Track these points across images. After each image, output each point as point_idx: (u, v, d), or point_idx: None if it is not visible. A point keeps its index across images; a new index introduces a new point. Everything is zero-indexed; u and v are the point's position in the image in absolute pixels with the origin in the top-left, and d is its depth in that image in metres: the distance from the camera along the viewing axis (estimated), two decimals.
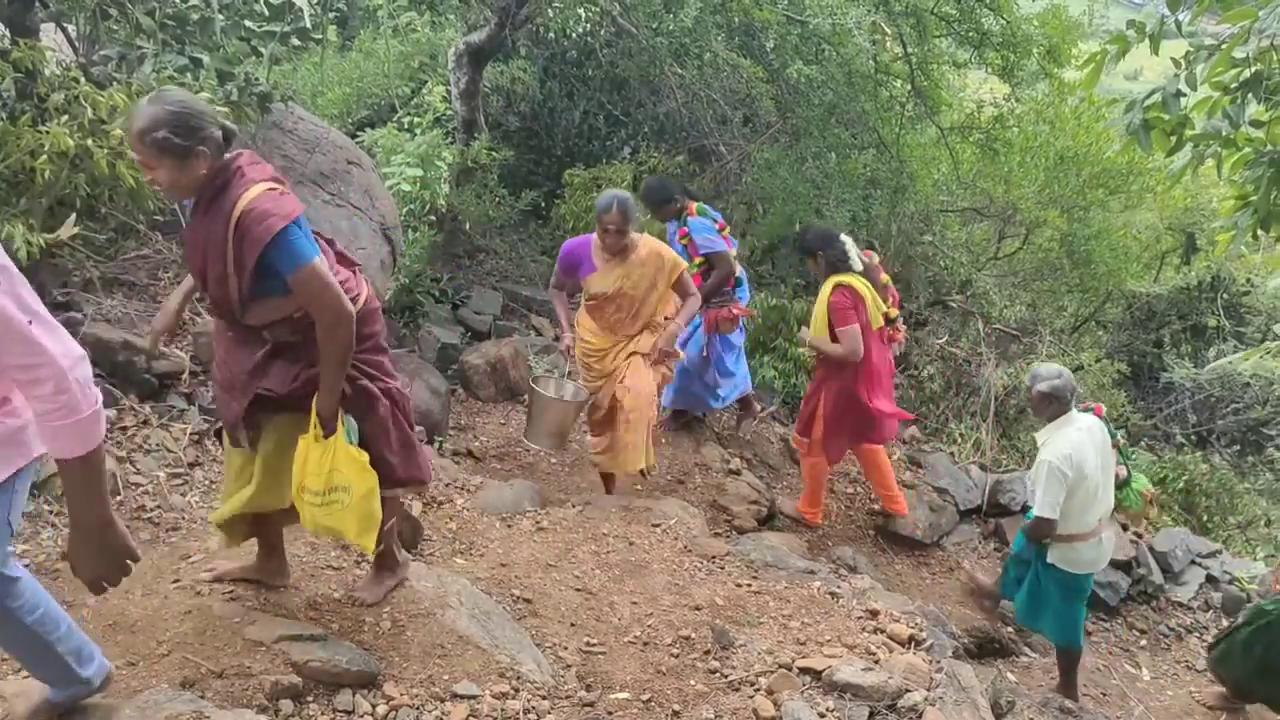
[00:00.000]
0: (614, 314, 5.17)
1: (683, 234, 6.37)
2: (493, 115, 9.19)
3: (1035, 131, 9.64)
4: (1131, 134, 3.88)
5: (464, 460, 6.13)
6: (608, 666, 3.96)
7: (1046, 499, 5.13)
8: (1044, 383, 5.20)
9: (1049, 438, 5.21)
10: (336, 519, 3.30)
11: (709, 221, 6.41)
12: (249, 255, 2.89)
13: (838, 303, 5.91)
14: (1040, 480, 5.14)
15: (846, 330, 5.89)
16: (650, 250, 5.11)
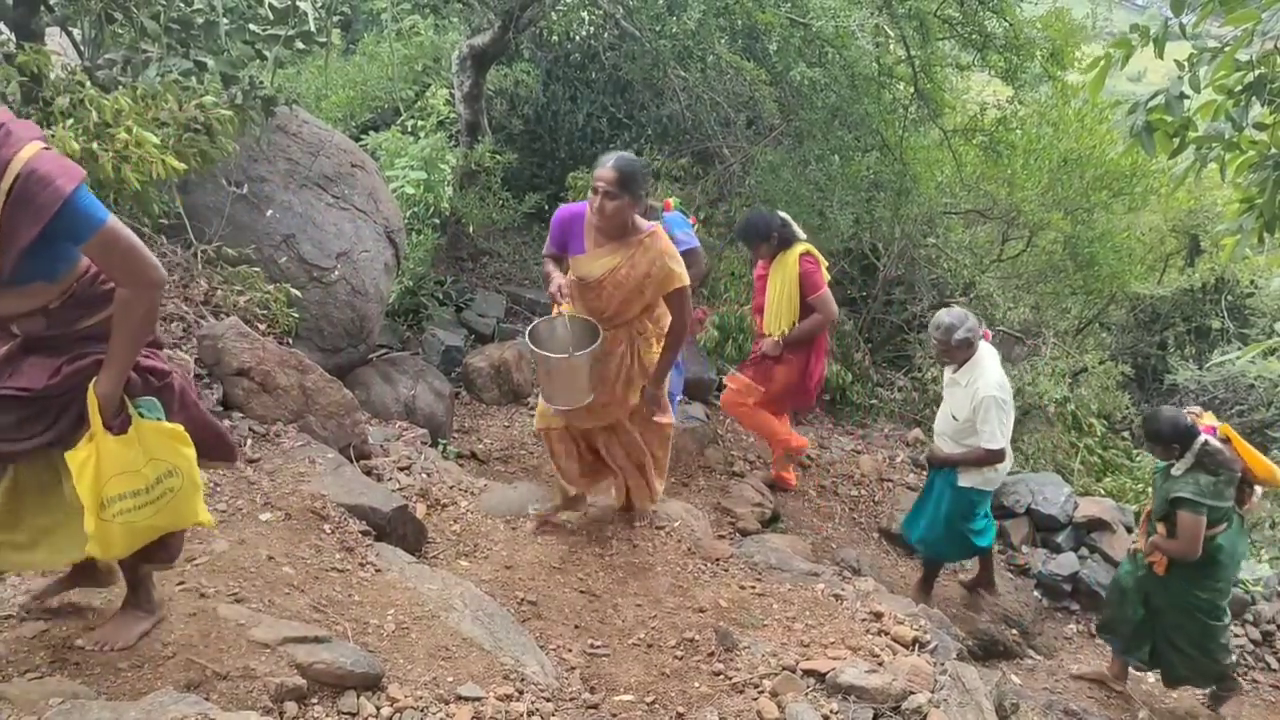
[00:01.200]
0: (593, 302, 4.43)
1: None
2: (496, 118, 9.20)
3: (1038, 134, 9.64)
4: (1134, 136, 3.87)
5: (468, 463, 6.14)
6: (612, 669, 3.96)
7: (999, 430, 5.36)
8: (962, 330, 5.37)
9: (972, 375, 5.42)
10: (174, 511, 2.92)
11: (684, 216, 6.08)
12: (28, 226, 2.42)
13: (809, 270, 6.11)
14: (990, 414, 5.32)
15: (821, 295, 6.16)
16: (657, 249, 4.28)
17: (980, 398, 5.33)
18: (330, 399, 4.97)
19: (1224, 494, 5.11)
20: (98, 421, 2.68)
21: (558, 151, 9.52)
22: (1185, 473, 5.11)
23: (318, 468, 4.53)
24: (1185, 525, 5.10)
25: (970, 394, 5.38)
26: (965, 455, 5.56)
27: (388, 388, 6.02)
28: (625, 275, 4.28)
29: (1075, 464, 8.80)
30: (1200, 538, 5.08)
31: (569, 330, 4.46)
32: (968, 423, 5.46)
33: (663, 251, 4.29)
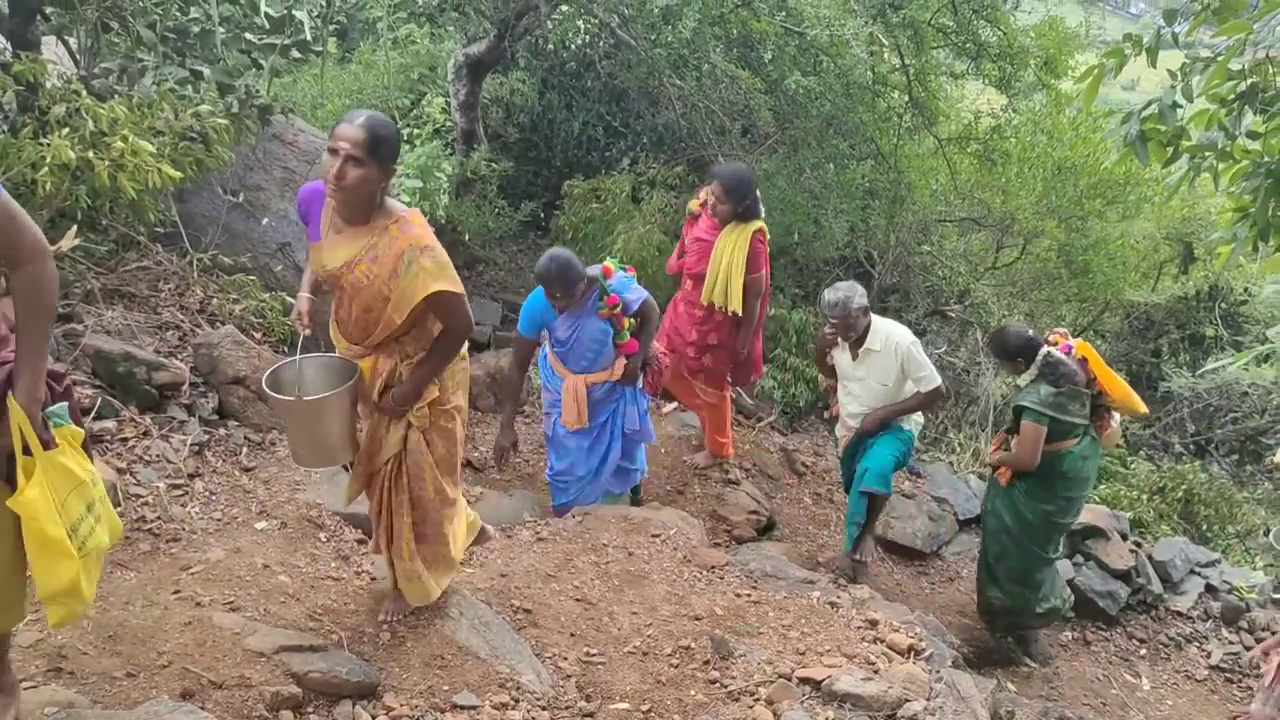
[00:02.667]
0: (337, 311, 3.50)
1: (613, 303, 5.18)
2: (492, 127, 9.21)
3: (1033, 142, 9.67)
4: (1129, 145, 3.90)
5: (464, 471, 6.12)
6: (607, 677, 3.97)
7: (933, 368, 5.57)
8: (858, 297, 5.44)
9: (881, 336, 5.50)
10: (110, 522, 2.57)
11: (625, 274, 5.40)
12: None
13: (760, 249, 6.03)
14: (919, 357, 5.49)
15: (760, 275, 6.09)
16: (408, 239, 3.21)
17: (904, 349, 5.46)
18: None
19: (1067, 408, 5.35)
20: (35, 441, 2.31)
21: (553, 160, 9.53)
22: (1029, 384, 5.41)
23: (313, 476, 4.54)
24: (1024, 433, 5.37)
25: (892, 351, 5.48)
26: (912, 404, 5.69)
27: None
28: (365, 273, 3.25)
29: None
30: (1038, 447, 5.34)
31: (324, 373, 3.54)
32: (897, 382, 5.59)
33: (415, 243, 3.21)
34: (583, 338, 5.20)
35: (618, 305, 5.17)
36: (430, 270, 3.20)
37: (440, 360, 3.43)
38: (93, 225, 5.02)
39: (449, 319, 3.37)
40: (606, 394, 5.40)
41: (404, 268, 3.19)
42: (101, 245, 5.15)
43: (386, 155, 3.12)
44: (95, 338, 4.59)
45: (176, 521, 4.04)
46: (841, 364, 5.76)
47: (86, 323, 4.66)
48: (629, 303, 5.23)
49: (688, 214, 6.29)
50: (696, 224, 6.17)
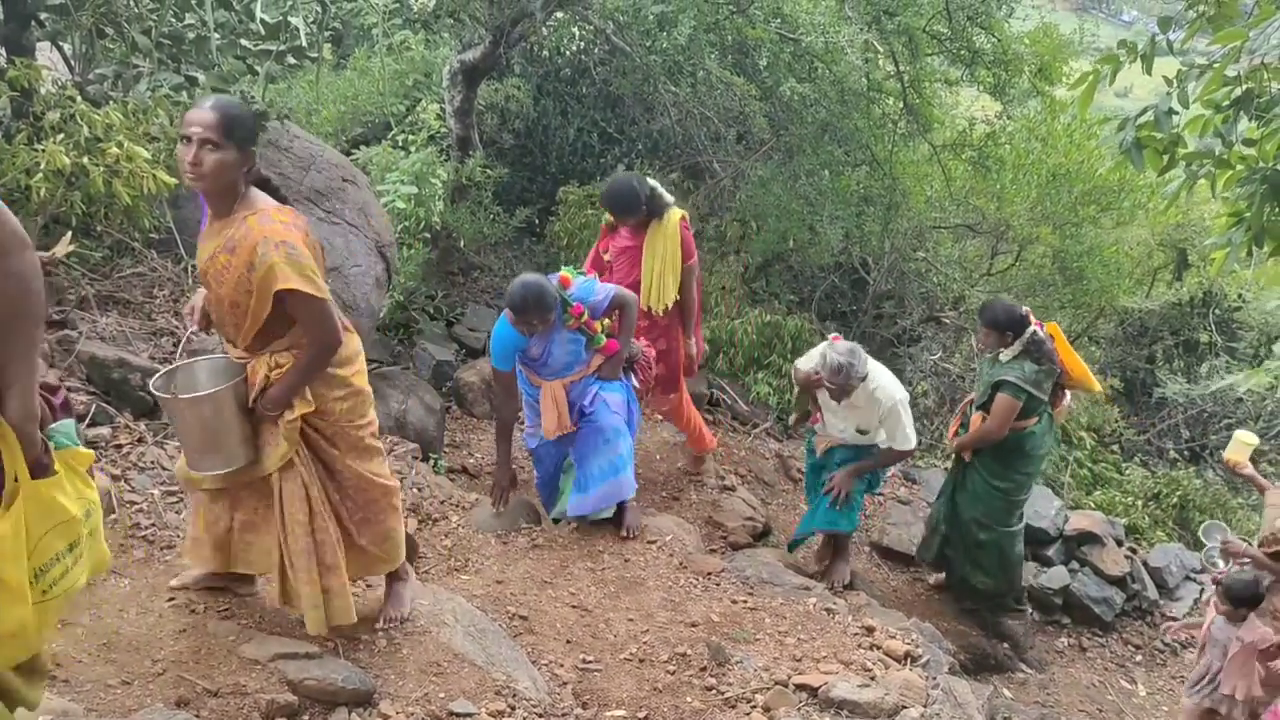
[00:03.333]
0: (212, 306, 3.31)
1: (577, 312, 4.94)
2: (487, 133, 9.21)
3: (1027, 149, 9.69)
4: (1124, 153, 3.90)
5: (459, 477, 6.12)
6: (604, 684, 3.96)
7: (912, 432, 5.44)
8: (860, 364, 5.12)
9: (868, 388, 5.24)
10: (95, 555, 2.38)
11: (583, 277, 5.17)
12: None
13: (688, 235, 5.92)
14: (901, 418, 5.32)
15: (694, 263, 6.01)
16: (261, 231, 3.04)
17: (888, 409, 5.30)
18: None
19: (1043, 385, 5.51)
20: (23, 468, 2.09)
21: (548, 166, 9.53)
22: (1012, 359, 5.47)
23: None
24: (1000, 405, 5.45)
25: (875, 406, 5.32)
26: (883, 461, 5.68)
27: (378, 402, 5.96)
28: (225, 265, 3.09)
29: (1065, 478, 8.82)
30: (1009, 421, 5.47)
31: (217, 376, 3.37)
32: (876, 431, 5.48)
33: (270, 236, 3.03)
34: (555, 352, 4.99)
35: (583, 314, 4.94)
36: (282, 265, 3.02)
37: (303, 371, 3.21)
38: (87, 231, 5.00)
39: (308, 326, 3.18)
40: (584, 387, 5.14)
41: (259, 260, 3.01)
42: (96, 251, 5.13)
43: (242, 136, 3.00)
44: (89, 344, 4.58)
45: (171, 529, 4.03)
46: (823, 401, 5.60)
47: (80, 329, 4.64)
48: (596, 306, 5.00)
49: (604, 224, 6.07)
50: (616, 234, 5.97)
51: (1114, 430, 10.18)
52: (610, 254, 5.99)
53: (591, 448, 5.11)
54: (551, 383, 5.06)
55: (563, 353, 5.00)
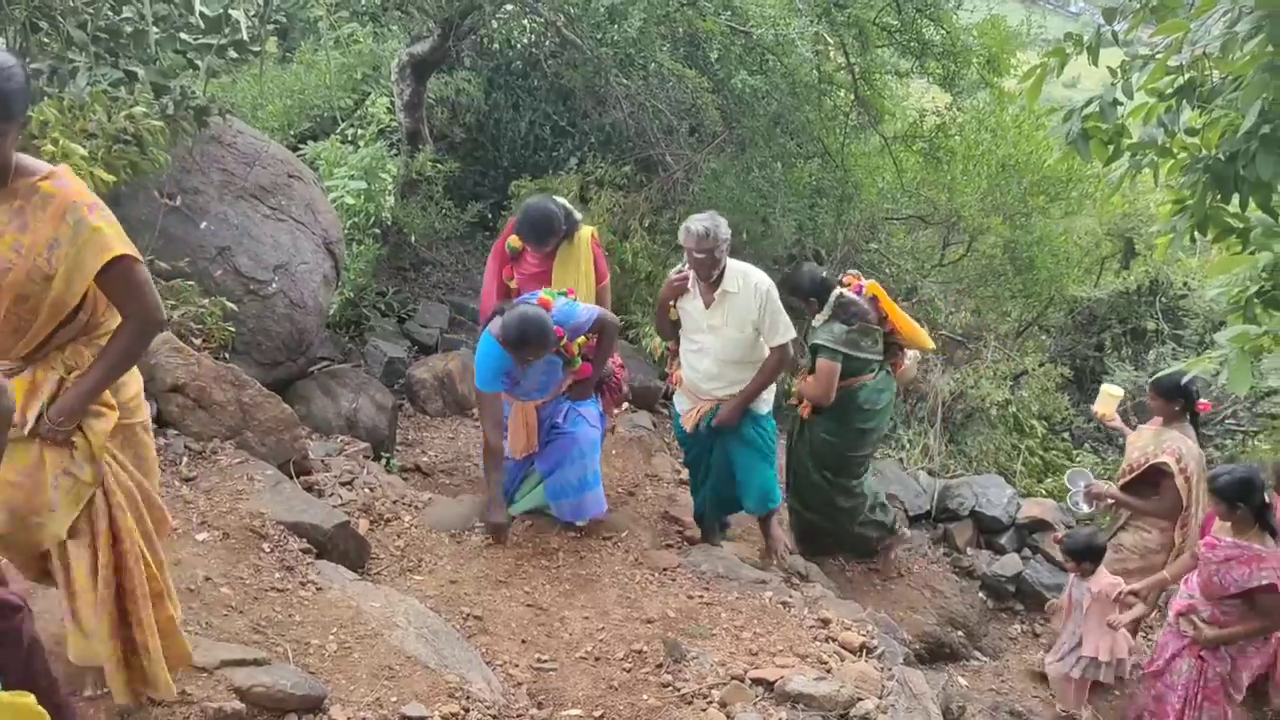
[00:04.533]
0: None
1: (558, 335, 4.70)
2: (437, 127, 9.12)
3: (977, 140, 9.78)
4: (1071, 143, 3.93)
5: (412, 476, 6.06)
6: (559, 683, 3.93)
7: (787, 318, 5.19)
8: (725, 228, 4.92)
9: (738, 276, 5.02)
10: None
11: (562, 298, 4.91)
12: None
13: (599, 254, 5.77)
14: (777, 302, 5.09)
15: (606, 285, 5.80)
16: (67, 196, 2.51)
17: (764, 289, 5.02)
18: (269, 414, 4.88)
19: (860, 344, 5.55)
20: None
21: (500, 160, 9.46)
22: (823, 323, 5.54)
23: (256, 485, 4.44)
24: (820, 370, 5.53)
25: (751, 292, 5.02)
26: (767, 375, 5.26)
27: (329, 401, 5.92)
28: (14, 245, 2.47)
29: (1017, 466, 8.91)
30: (833, 382, 5.52)
31: None
32: (755, 331, 5.11)
33: (78, 199, 2.51)
34: (531, 375, 4.85)
35: (563, 338, 4.74)
36: (106, 231, 2.52)
37: (123, 354, 2.65)
38: None
39: (135, 297, 2.62)
40: (555, 405, 5.10)
41: (71, 230, 2.47)
42: None
43: (12, 108, 2.36)
44: None
45: None
46: (691, 314, 5.20)
47: None
48: (578, 328, 4.84)
49: (509, 252, 5.59)
50: (522, 260, 5.56)
51: (1064, 418, 10.29)
52: (516, 280, 5.58)
53: (566, 458, 5.01)
54: (524, 403, 4.99)
55: (538, 375, 4.89)
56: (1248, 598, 4.46)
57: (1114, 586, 5.15)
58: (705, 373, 5.24)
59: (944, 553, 7.37)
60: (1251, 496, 4.44)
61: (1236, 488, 4.44)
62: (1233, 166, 3.62)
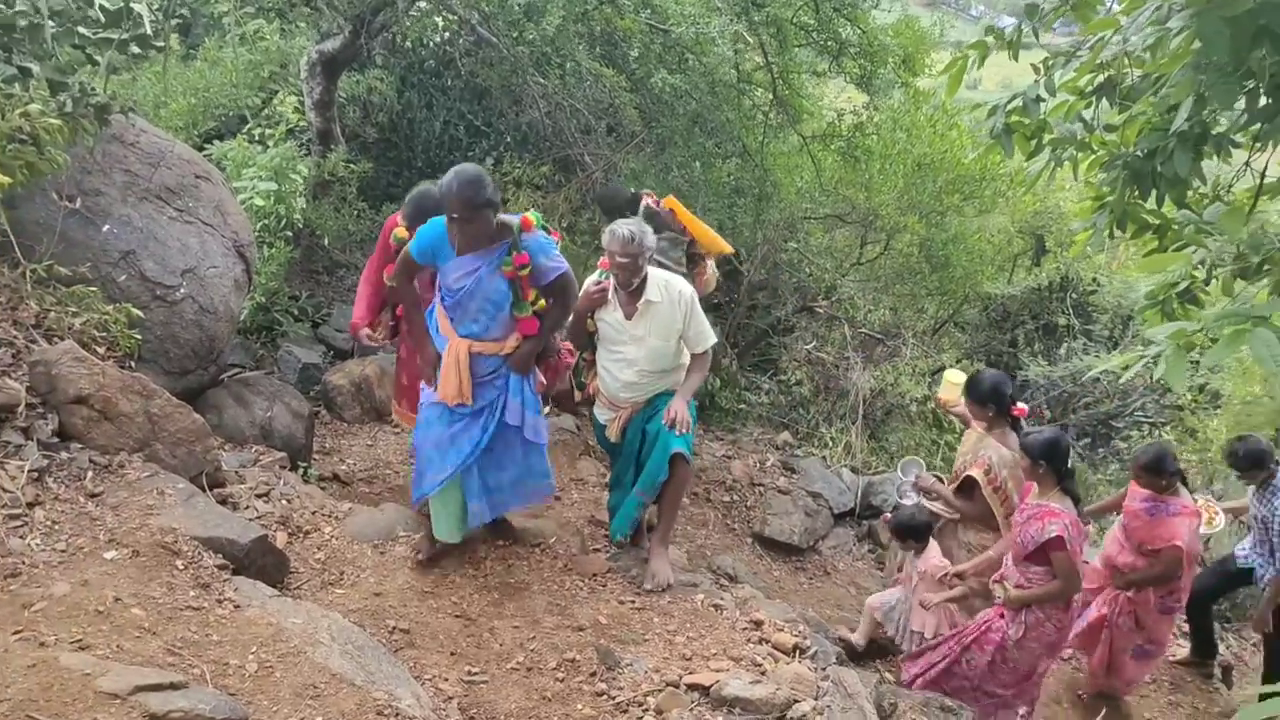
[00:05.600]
0: None
1: (520, 261, 4.37)
2: (349, 126, 8.91)
3: (893, 139, 9.87)
4: (995, 138, 3.96)
5: (330, 485, 5.88)
6: (491, 696, 3.83)
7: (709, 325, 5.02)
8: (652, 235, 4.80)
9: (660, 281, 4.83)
10: None
11: (548, 236, 4.61)
12: None
13: None
14: (699, 310, 4.92)
15: None
16: None
17: (688, 297, 4.84)
18: (179, 425, 4.67)
19: (669, 254, 5.67)
20: None
21: (414, 160, 9.28)
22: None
23: (167, 499, 4.25)
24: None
25: (675, 300, 4.82)
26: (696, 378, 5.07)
27: (242, 410, 5.71)
28: None
29: (937, 460, 9.01)
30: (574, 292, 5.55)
31: None
32: (678, 340, 4.93)
33: None
34: (477, 292, 4.36)
35: (526, 266, 4.35)
36: None
37: None
38: None
39: None
40: (491, 374, 4.56)
41: None
42: None
43: None
44: None
45: (16, 555, 3.71)
46: (612, 325, 4.93)
47: None
48: (542, 270, 4.42)
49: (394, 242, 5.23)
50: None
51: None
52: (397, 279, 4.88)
53: (510, 458, 4.71)
54: (460, 340, 4.48)
55: (485, 298, 4.39)
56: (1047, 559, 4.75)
57: (939, 568, 5.44)
58: (626, 383, 5.00)
59: (869, 549, 7.43)
60: (1055, 458, 4.77)
61: (1041, 446, 4.77)
62: (1151, 163, 3.68)
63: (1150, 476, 5.45)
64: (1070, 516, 4.72)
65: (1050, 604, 4.84)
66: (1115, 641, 5.83)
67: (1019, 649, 4.92)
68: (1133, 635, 5.78)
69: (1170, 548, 5.38)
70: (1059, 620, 4.87)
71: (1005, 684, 5.06)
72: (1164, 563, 5.43)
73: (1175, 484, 5.48)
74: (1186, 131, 3.46)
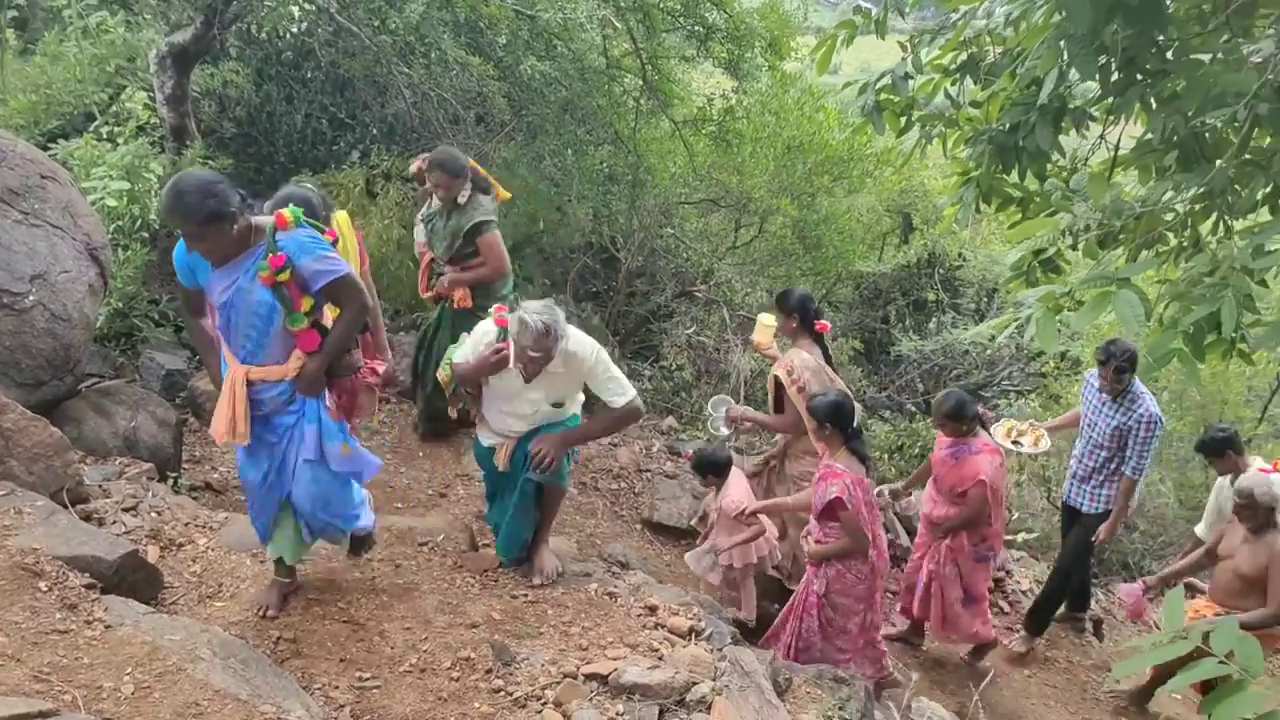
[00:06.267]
0: None
1: (276, 264, 3.69)
2: (205, 122, 8.54)
3: (763, 122, 9.97)
4: (866, 116, 4.01)
5: (204, 495, 5.63)
6: (384, 700, 3.73)
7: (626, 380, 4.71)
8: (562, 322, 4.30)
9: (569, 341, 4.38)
10: None
11: (308, 227, 3.84)
12: None
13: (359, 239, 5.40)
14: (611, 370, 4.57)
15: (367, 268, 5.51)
16: None
17: (591, 362, 4.47)
18: (35, 439, 4.41)
19: (493, 209, 5.89)
20: None
21: (276, 155, 8.96)
22: (468, 200, 5.71)
23: (25, 518, 4.00)
24: (489, 245, 5.72)
25: (578, 370, 4.50)
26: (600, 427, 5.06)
27: (103, 421, 5.42)
28: None
29: None
30: (505, 251, 5.90)
31: None
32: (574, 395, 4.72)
33: None
34: (240, 306, 3.76)
35: (284, 268, 3.68)
36: None
37: None
38: None
39: None
40: (281, 402, 3.94)
41: None
42: None
43: None
44: None
45: None
46: (506, 383, 4.55)
47: None
48: (307, 273, 3.72)
49: None
50: None
51: (857, 389, 10.68)
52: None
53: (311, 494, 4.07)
54: (238, 368, 3.88)
55: (250, 312, 3.77)
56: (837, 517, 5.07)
57: (735, 505, 5.63)
58: (514, 424, 4.65)
59: None
60: (839, 420, 5.06)
61: (826, 409, 5.06)
62: (1014, 137, 3.76)
63: (952, 423, 5.72)
64: (852, 476, 5.00)
65: (848, 557, 5.14)
66: (945, 593, 6.00)
67: (831, 606, 5.22)
68: (957, 584, 5.96)
69: (975, 484, 5.61)
70: (859, 571, 5.17)
71: (843, 647, 5.31)
72: (972, 502, 5.65)
73: (975, 427, 5.73)
74: (1047, 105, 3.55)
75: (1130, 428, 6.03)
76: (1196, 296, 2.83)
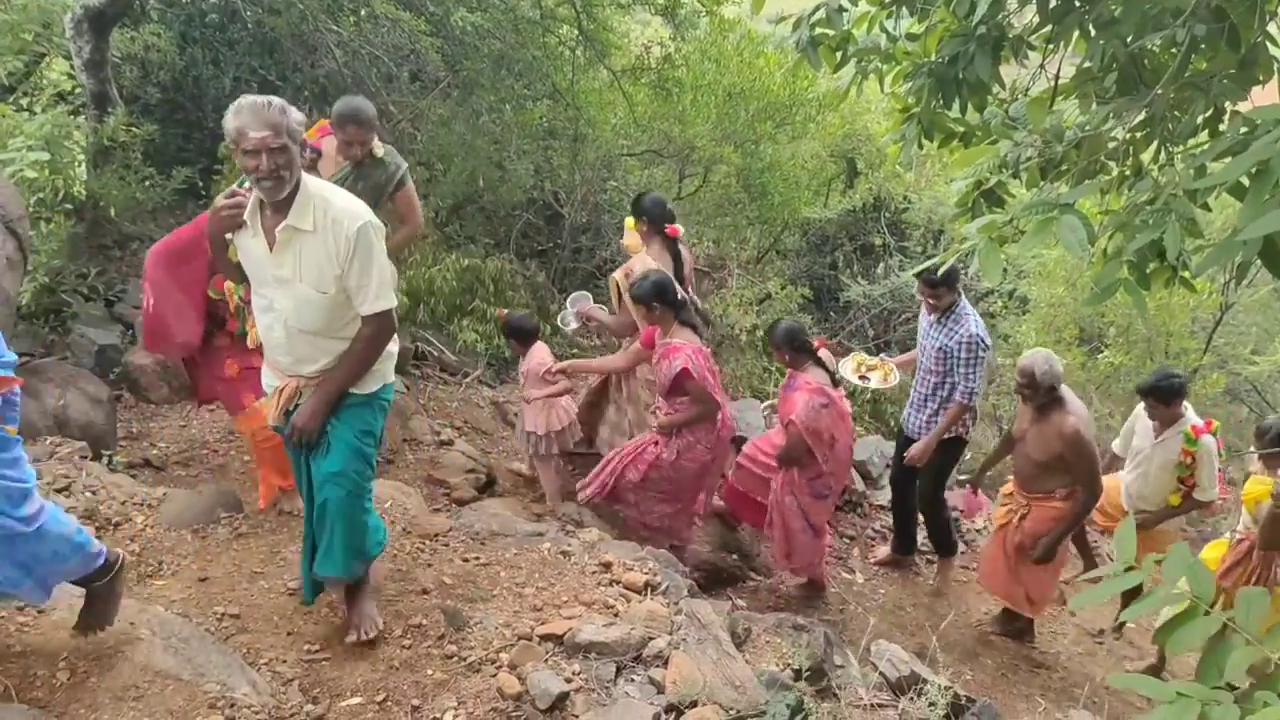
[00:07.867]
0: None
1: None
2: (128, 88, 8.25)
3: (703, 70, 9.83)
4: (802, 51, 3.91)
5: (142, 472, 5.48)
6: (334, 672, 3.64)
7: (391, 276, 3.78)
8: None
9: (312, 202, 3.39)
10: None
11: None
12: None
13: None
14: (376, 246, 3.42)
15: None
16: None
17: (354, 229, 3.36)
18: None
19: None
20: None
21: (205, 121, 8.69)
22: (385, 152, 5.35)
23: None
24: (409, 198, 5.52)
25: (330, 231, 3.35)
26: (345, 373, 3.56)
27: (31, 401, 5.24)
28: None
29: (770, 387, 9.14)
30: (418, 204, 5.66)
31: None
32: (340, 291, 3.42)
33: None
34: None
35: None
36: None
37: None
38: None
39: None
40: None
41: None
42: None
43: None
44: None
45: None
46: (253, 257, 3.51)
47: None
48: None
49: None
50: None
51: None
52: None
53: None
54: None
55: None
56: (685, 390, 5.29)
57: (541, 365, 5.82)
58: (277, 344, 3.59)
59: None
60: (664, 297, 5.31)
61: (649, 289, 5.29)
62: (953, 69, 3.69)
63: (778, 352, 5.85)
64: (692, 346, 5.26)
65: (697, 427, 5.39)
66: (786, 521, 5.87)
67: (674, 469, 5.46)
68: (798, 515, 5.84)
69: (789, 423, 5.65)
70: (708, 441, 5.46)
71: (662, 498, 5.58)
72: (789, 440, 5.67)
73: (805, 360, 5.75)
74: (985, 35, 3.48)
75: (950, 349, 5.92)
76: (1139, 225, 2.78)
